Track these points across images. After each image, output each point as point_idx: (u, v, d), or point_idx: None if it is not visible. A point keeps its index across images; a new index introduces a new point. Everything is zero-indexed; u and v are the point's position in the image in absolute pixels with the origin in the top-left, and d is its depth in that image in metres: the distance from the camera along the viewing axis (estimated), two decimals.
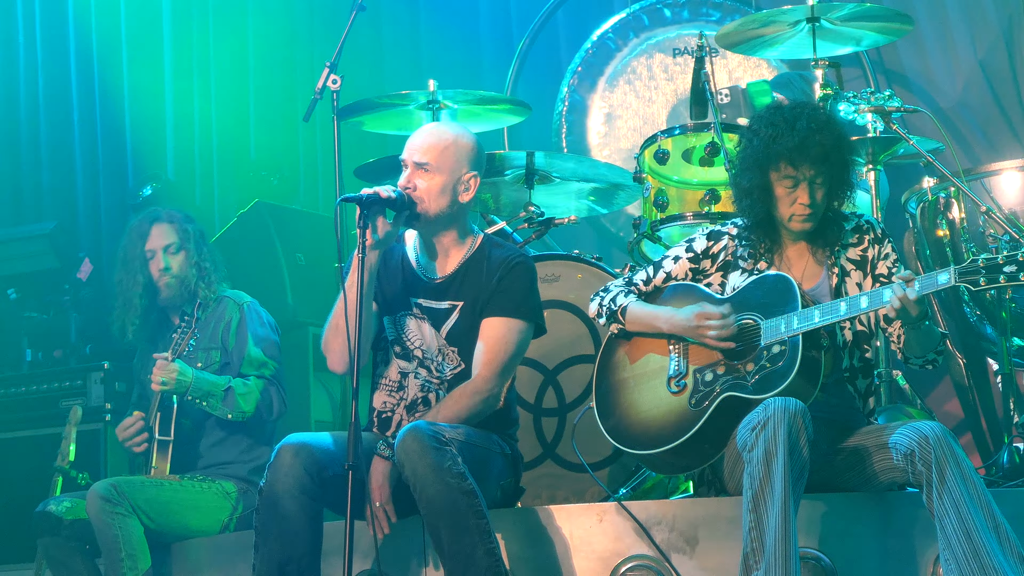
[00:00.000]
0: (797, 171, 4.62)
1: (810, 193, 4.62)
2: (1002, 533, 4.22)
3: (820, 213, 4.67)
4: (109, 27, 9.11)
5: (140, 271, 6.00)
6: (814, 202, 4.63)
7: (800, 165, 4.61)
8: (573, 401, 5.72)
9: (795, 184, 4.63)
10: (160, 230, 6.04)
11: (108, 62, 9.06)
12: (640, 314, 4.81)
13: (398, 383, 5.00)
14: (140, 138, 8.98)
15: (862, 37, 5.84)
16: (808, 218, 4.66)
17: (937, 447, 4.27)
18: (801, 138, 4.59)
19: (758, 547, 4.22)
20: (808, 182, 4.62)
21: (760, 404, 4.35)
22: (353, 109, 6.44)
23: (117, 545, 5.50)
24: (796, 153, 4.59)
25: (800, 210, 4.64)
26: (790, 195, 4.64)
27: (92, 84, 9.07)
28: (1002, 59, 7.27)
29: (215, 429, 5.91)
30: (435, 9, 8.52)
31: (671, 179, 5.68)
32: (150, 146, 9.00)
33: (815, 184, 4.62)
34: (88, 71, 9.08)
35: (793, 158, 4.60)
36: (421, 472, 4.50)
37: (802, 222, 4.67)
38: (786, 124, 4.64)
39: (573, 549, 4.76)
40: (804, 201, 4.63)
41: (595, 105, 7.72)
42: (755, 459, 4.25)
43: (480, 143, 5.04)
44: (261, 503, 4.70)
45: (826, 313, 4.46)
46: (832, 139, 4.62)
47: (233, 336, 5.94)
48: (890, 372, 5.79)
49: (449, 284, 4.99)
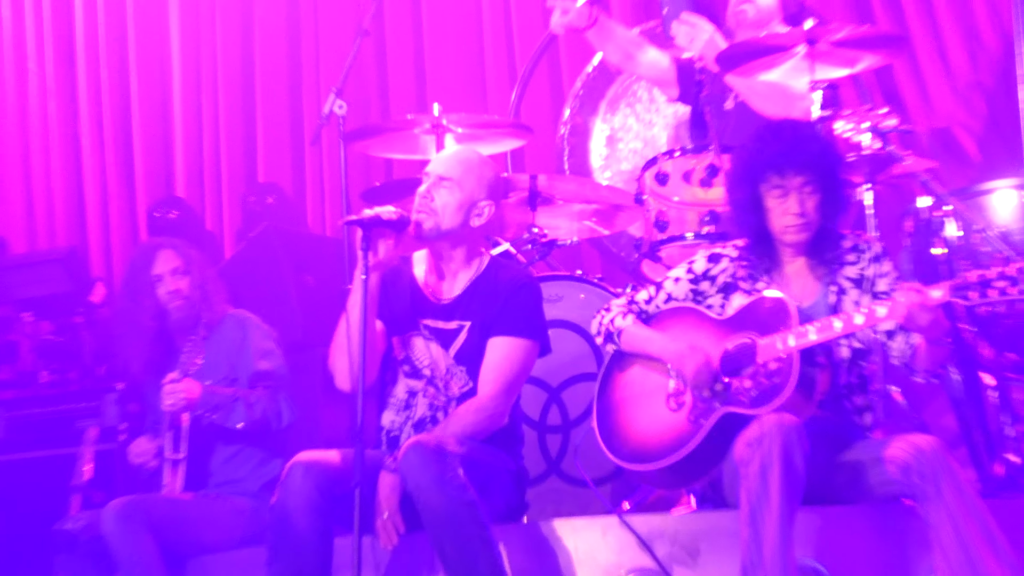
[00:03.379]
0: (784, 180, 4.66)
1: (800, 202, 4.66)
2: (997, 544, 4.26)
3: (814, 224, 4.70)
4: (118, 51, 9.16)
5: (147, 296, 6.04)
6: (805, 211, 4.67)
7: (786, 173, 4.65)
8: (576, 418, 5.76)
9: (784, 194, 4.67)
10: (165, 255, 6.08)
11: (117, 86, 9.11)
12: (635, 337, 4.85)
13: (406, 401, 5.05)
14: (149, 162, 9.03)
15: (858, 60, 5.86)
16: (801, 228, 4.69)
17: (933, 460, 4.33)
18: (785, 145, 4.65)
19: (756, 560, 4.26)
20: (797, 191, 4.66)
21: (756, 420, 4.40)
22: (359, 133, 6.47)
23: (132, 562, 5.53)
24: (781, 160, 4.65)
25: (792, 220, 4.68)
26: (781, 206, 4.68)
27: (100, 109, 9.12)
28: (996, 79, 7.29)
29: (226, 445, 5.93)
30: (439, 34, 8.55)
31: (671, 200, 5.70)
32: (159, 170, 9.05)
33: (804, 192, 4.66)
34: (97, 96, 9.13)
35: (779, 165, 4.65)
36: (424, 484, 4.56)
37: (796, 233, 4.71)
38: (771, 134, 4.71)
39: (577, 563, 4.80)
40: (795, 211, 4.66)
41: (596, 128, 7.74)
42: (752, 474, 4.30)
43: (502, 178, 5.09)
44: (272, 520, 4.75)
45: (821, 331, 4.51)
46: (817, 146, 4.67)
47: (239, 353, 5.97)
48: (887, 387, 5.81)
49: (457, 305, 5.03)
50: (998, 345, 5.72)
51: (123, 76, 9.16)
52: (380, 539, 4.79)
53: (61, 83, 9.24)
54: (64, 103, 9.21)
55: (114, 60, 9.17)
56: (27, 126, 9.27)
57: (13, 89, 9.32)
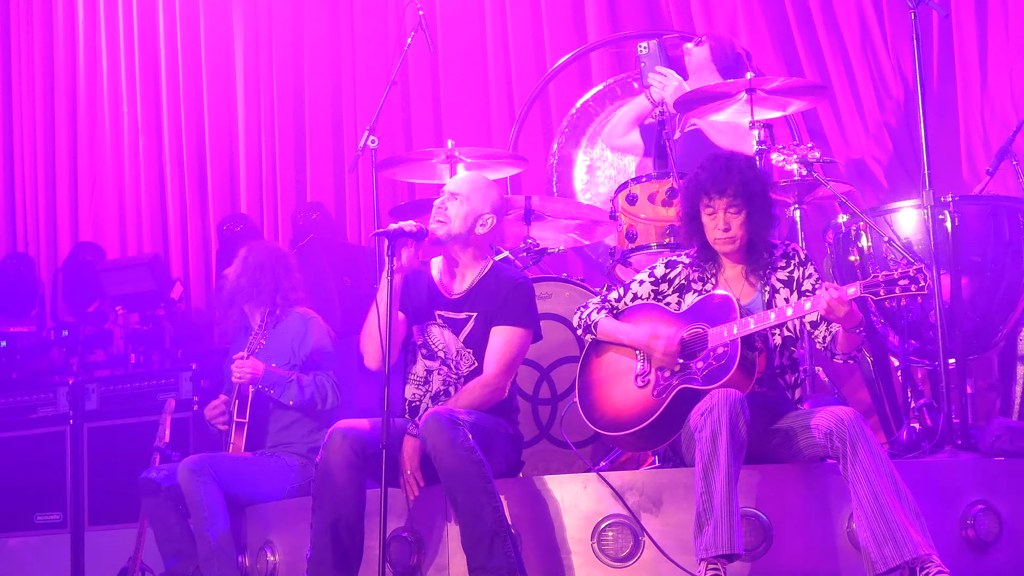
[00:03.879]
0: (712, 201, 4.63)
1: (726, 220, 4.62)
2: (902, 494, 4.24)
3: (740, 239, 4.65)
4: (194, 94, 9.14)
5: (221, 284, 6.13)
6: (729, 227, 4.62)
7: (714, 196, 4.62)
8: (563, 393, 5.71)
9: (714, 212, 4.64)
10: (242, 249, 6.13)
11: (193, 122, 9.09)
12: (608, 329, 4.81)
13: (424, 378, 5.02)
14: (219, 184, 9.01)
15: (789, 104, 5.83)
16: (727, 241, 4.65)
17: (851, 427, 4.29)
18: (716, 173, 4.62)
19: (708, 508, 4.23)
20: (724, 211, 4.62)
21: (707, 394, 4.37)
22: (388, 163, 6.44)
23: (202, 507, 5.51)
24: (711, 185, 4.62)
25: (719, 235, 4.64)
26: (712, 222, 4.65)
27: (180, 141, 9.10)
28: (900, 120, 7.26)
29: (283, 415, 5.91)
30: (452, 83, 8.53)
31: (639, 217, 5.67)
32: (227, 191, 9.03)
33: (729, 212, 4.62)
34: (177, 131, 9.13)
35: (709, 190, 4.62)
36: (440, 446, 4.54)
37: (723, 245, 4.67)
38: (708, 163, 4.69)
39: (563, 510, 4.76)
40: (721, 227, 4.63)
41: (579, 159, 7.70)
42: (704, 438, 4.27)
43: (504, 198, 5.09)
44: (317, 475, 4.72)
45: (758, 322, 4.48)
46: (741, 175, 4.61)
47: (300, 343, 5.95)
48: (813, 367, 5.77)
49: (466, 299, 5.01)
50: (902, 333, 5.70)
51: (198, 114, 9.14)
52: (404, 491, 4.77)
53: (148, 121, 9.22)
54: (150, 137, 9.19)
55: (191, 102, 9.14)
56: (120, 155, 9.24)
57: (110, 126, 9.29)
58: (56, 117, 9.43)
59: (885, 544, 4.15)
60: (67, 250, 9.00)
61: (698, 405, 4.37)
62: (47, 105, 9.47)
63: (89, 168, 9.32)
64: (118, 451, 6.89)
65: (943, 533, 4.48)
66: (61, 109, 9.42)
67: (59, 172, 9.38)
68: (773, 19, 7.65)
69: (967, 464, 4.93)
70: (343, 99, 8.82)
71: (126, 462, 6.67)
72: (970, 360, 5.63)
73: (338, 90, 8.84)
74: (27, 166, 9.47)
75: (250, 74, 9.07)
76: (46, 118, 9.46)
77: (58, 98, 9.44)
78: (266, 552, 5.43)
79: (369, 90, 8.57)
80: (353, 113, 8.73)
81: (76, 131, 9.38)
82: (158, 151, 9.18)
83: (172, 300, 7.70)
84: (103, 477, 6.92)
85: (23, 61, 9.60)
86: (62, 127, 9.41)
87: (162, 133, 9.21)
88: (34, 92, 9.51)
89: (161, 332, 7.49)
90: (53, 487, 7.03)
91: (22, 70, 9.59)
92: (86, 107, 9.37)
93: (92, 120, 9.36)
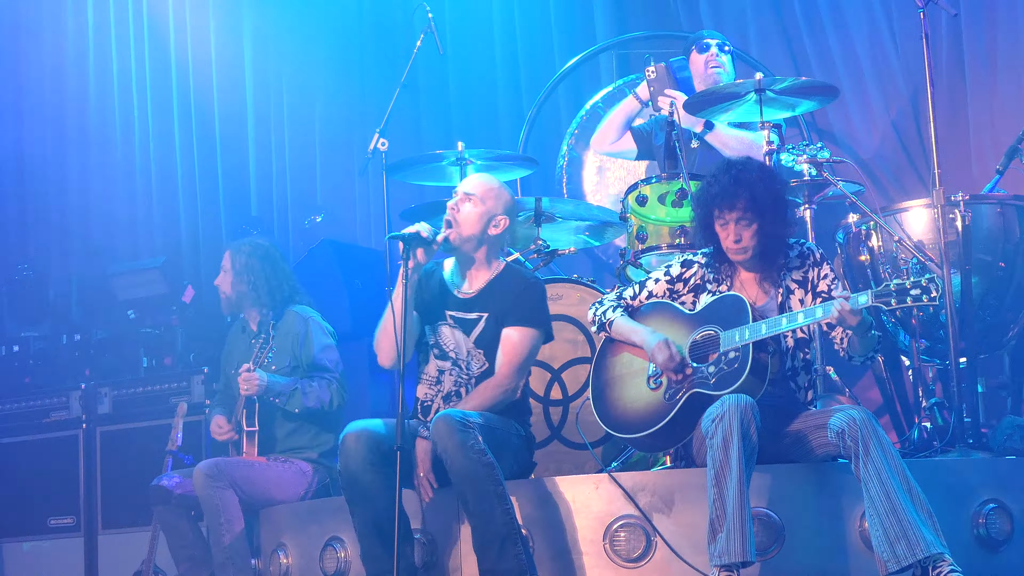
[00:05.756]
0: (722, 214, 4.63)
1: (737, 231, 4.62)
2: (914, 493, 4.25)
3: (753, 248, 4.65)
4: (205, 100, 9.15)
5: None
6: (740, 239, 4.62)
7: (724, 210, 4.62)
8: (574, 394, 5.71)
9: (725, 224, 4.64)
10: (226, 256, 6.12)
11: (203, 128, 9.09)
12: (622, 329, 4.82)
13: (436, 378, 5.04)
14: (230, 189, 9.01)
15: (798, 104, 5.82)
16: (739, 252, 4.66)
17: (863, 427, 4.29)
18: (724, 188, 4.61)
19: (720, 515, 4.24)
20: (735, 223, 4.62)
21: (719, 399, 4.37)
22: (398, 166, 6.43)
23: (217, 512, 5.52)
24: (720, 200, 4.61)
25: (731, 246, 4.65)
26: (723, 232, 4.66)
27: (191, 147, 9.11)
28: (910, 120, 7.26)
29: (288, 421, 5.93)
30: (462, 84, 8.53)
31: (649, 218, 5.67)
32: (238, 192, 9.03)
33: (740, 224, 4.61)
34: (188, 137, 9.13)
35: (719, 204, 4.62)
36: (450, 449, 4.55)
37: (736, 255, 4.68)
38: (720, 174, 4.66)
39: (575, 511, 4.77)
40: (733, 238, 4.63)
41: (589, 160, 7.71)
42: (715, 445, 4.27)
43: (516, 200, 5.10)
44: (343, 481, 4.75)
45: (771, 326, 4.48)
46: (750, 191, 4.58)
47: (301, 346, 5.96)
48: (824, 368, 5.77)
49: (477, 300, 5.02)
50: (913, 333, 5.69)
51: (208, 120, 9.13)
52: (419, 494, 4.78)
53: (159, 127, 9.22)
54: (162, 143, 9.19)
55: (201, 107, 9.14)
56: (132, 161, 9.24)
57: (122, 133, 9.30)
58: (66, 121, 9.43)
59: (898, 543, 4.15)
60: (79, 255, 9.01)
61: (709, 410, 4.37)
62: (57, 110, 9.47)
63: (100, 174, 9.31)
64: (131, 455, 6.90)
65: (955, 532, 4.48)
66: (71, 113, 9.42)
67: (68, 178, 9.38)
68: (782, 18, 7.65)
69: (979, 463, 4.93)
70: (353, 102, 8.82)
71: (139, 466, 6.67)
72: (981, 359, 5.63)
73: (348, 92, 8.84)
74: (37, 172, 9.47)
75: (260, 77, 9.07)
76: (56, 122, 9.46)
77: (68, 102, 9.44)
78: (279, 555, 5.44)
79: (379, 93, 8.57)
80: (362, 115, 8.73)
81: (87, 135, 9.37)
82: (170, 156, 9.15)
83: (184, 304, 7.70)
84: (116, 481, 6.93)
85: (31, 62, 9.59)
86: (72, 132, 9.40)
87: (173, 138, 9.20)
88: (43, 95, 9.51)
89: (173, 335, 7.49)
90: (66, 491, 7.05)
91: (31, 74, 9.58)
92: (97, 110, 9.37)
93: (103, 124, 9.36)
